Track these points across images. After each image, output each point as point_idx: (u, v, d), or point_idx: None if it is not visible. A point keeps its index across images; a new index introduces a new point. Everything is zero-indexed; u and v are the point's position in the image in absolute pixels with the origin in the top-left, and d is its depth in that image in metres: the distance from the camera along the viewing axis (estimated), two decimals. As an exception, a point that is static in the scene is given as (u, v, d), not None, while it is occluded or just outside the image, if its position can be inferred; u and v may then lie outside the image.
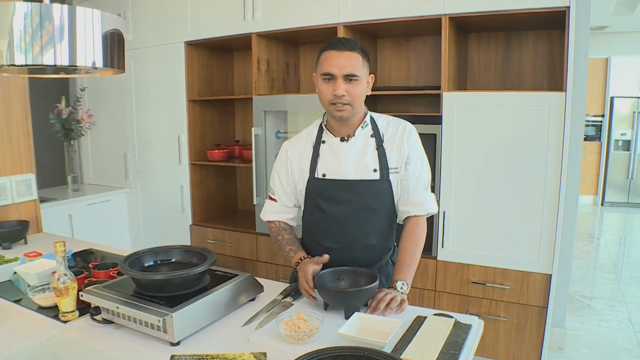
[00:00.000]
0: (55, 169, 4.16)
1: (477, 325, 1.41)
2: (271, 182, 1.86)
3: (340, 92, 1.58)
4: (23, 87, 2.50)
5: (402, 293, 1.54)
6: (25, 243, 2.38)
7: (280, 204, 1.83)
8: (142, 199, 3.96)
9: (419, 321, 1.40)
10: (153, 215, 3.93)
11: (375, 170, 1.68)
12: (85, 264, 2.00)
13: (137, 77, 3.81)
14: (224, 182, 4.01)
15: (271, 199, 1.85)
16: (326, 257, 1.63)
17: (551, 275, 2.53)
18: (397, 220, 1.79)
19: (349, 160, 1.69)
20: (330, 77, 1.60)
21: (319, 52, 1.66)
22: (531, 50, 2.95)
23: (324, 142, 1.74)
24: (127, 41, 3.74)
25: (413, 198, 1.71)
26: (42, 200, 3.48)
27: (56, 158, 4.16)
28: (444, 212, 2.72)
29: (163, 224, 3.86)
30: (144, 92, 3.80)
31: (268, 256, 3.36)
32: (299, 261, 1.68)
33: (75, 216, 3.60)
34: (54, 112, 3.71)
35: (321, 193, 1.72)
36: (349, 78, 1.59)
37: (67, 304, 1.48)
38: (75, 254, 2.23)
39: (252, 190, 3.29)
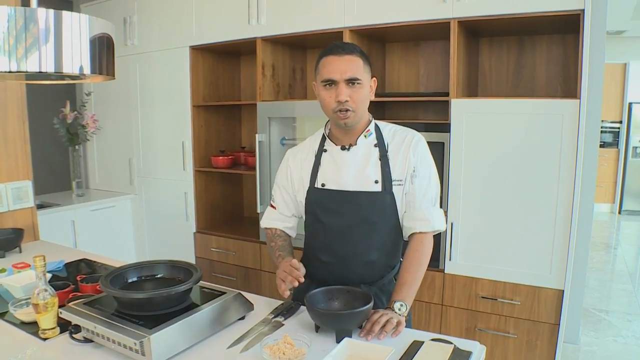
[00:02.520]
0: (62, 173, 4.14)
1: (478, 351, 1.31)
2: (273, 190, 1.82)
3: (344, 97, 1.52)
4: (20, 92, 2.46)
5: (400, 315, 1.44)
6: (20, 252, 2.33)
7: (279, 212, 1.79)
8: (147, 205, 3.90)
9: (415, 347, 1.30)
10: (157, 222, 3.87)
11: (376, 182, 1.60)
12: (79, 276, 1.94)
13: (143, 81, 3.77)
14: (229, 189, 3.94)
15: (271, 206, 1.82)
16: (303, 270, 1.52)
17: (563, 291, 2.41)
18: (403, 236, 1.70)
19: (350, 170, 1.62)
20: (331, 83, 1.54)
21: (317, 59, 1.60)
22: (545, 56, 2.84)
23: (325, 150, 1.68)
24: (133, 46, 3.72)
25: (419, 213, 1.61)
26: (46, 205, 3.45)
27: (63, 163, 4.14)
28: (451, 224, 2.62)
29: (167, 232, 3.81)
30: (149, 96, 3.76)
31: (272, 266, 3.28)
32: None
33: (78, 222, 3.56)
34: (59, 117, 3.68)
35: (320, 204, 1.66)
36: (351, 82, 1.53)
37: (47, 320, 1.41)
38: (68, 264, 2.17)
39: (256, 198, 3.23)
